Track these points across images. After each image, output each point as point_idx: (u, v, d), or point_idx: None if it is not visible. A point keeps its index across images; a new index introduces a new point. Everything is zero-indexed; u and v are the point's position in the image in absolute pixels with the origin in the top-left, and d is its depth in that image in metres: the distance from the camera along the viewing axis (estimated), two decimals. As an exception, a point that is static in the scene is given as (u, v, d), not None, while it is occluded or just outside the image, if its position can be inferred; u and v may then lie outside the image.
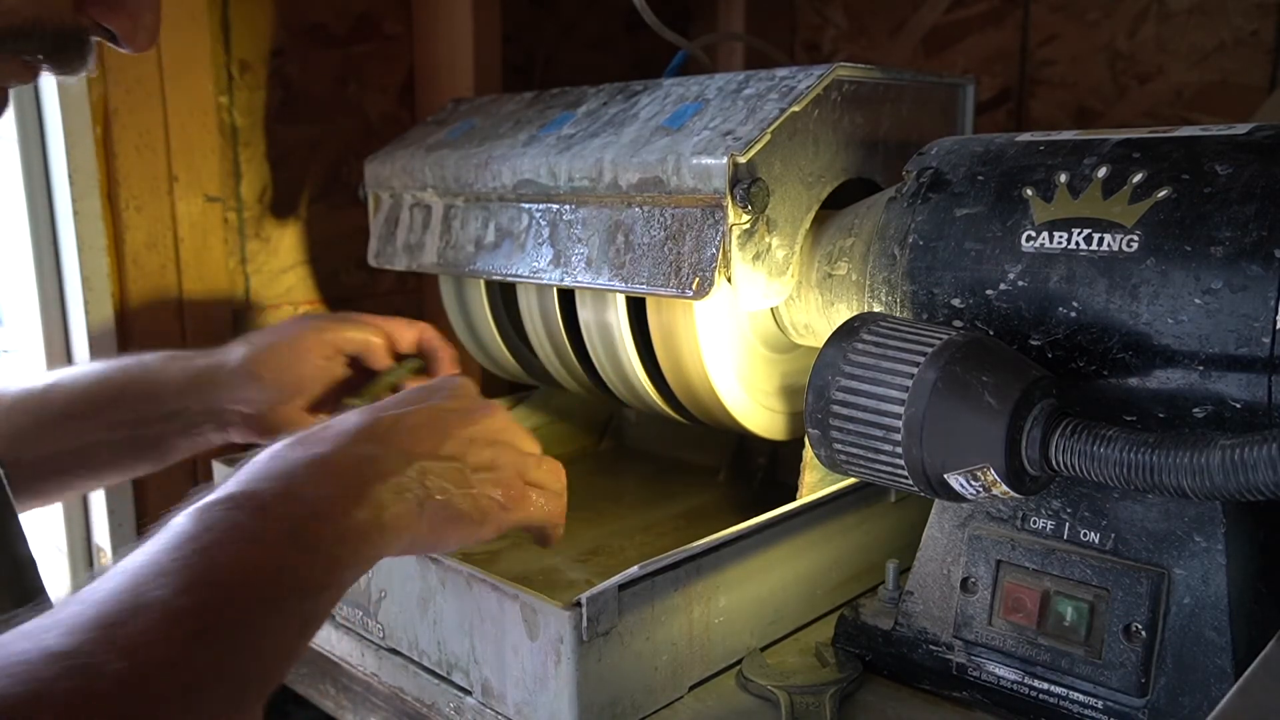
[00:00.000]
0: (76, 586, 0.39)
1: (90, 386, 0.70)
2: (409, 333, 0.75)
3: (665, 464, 0.93)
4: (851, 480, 0.65)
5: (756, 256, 0.62)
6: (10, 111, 0.48)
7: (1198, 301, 0.46)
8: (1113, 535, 0.51)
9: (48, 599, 0.52)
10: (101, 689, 0.33)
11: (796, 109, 0.62)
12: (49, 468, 0.68)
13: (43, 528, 0.89)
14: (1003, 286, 0.51)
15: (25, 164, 0.82)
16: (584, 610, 0.51)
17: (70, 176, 0.80)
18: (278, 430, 0.70)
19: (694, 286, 0.61)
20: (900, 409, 0.47)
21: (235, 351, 0.71)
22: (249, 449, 0.73)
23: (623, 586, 0.52)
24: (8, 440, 0.66)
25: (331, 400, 0.73)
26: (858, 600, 0.62)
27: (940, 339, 0.48)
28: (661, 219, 0.64)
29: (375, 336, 0.73)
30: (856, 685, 0.57)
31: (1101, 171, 0.50)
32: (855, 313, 0.56)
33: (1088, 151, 0.51)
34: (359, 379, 0.73)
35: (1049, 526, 0.53)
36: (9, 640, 0.34)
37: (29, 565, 0.53)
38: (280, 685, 0.42)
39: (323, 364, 0.71)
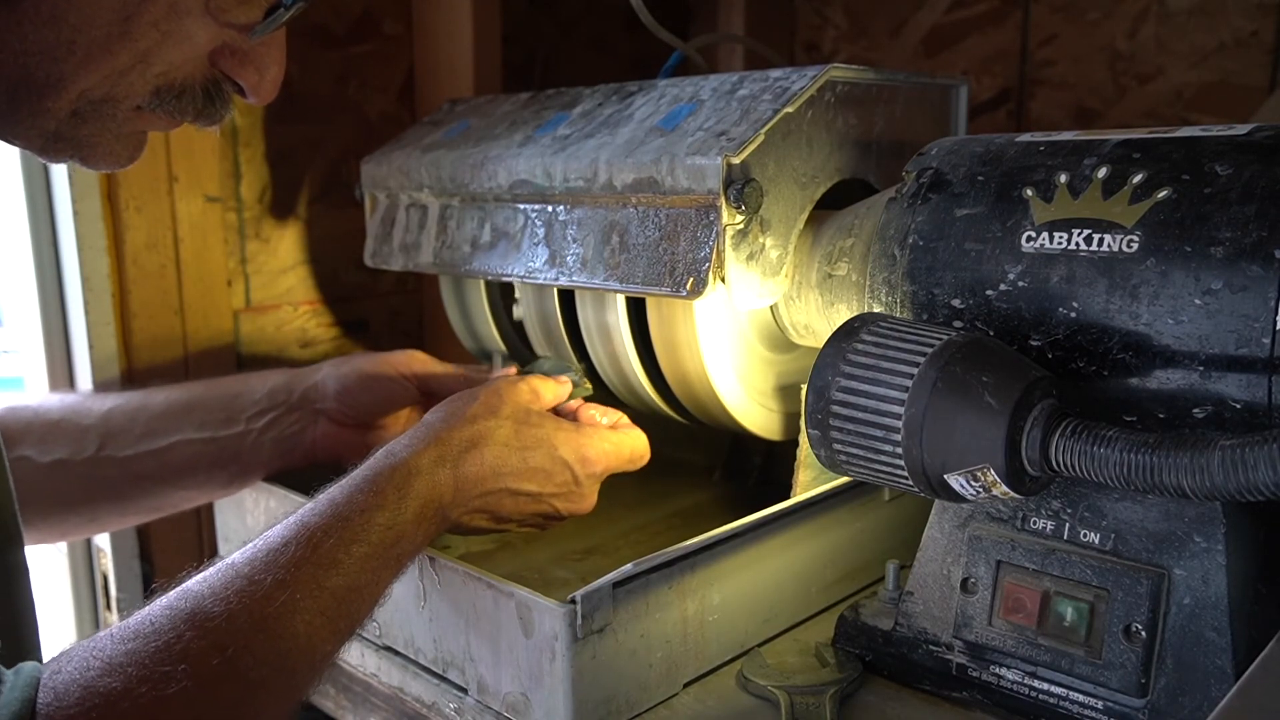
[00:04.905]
0: (76, 587, 0.44)
1: (192, 389, 0.73)
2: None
3: (660, 463, 0.93)
4: (845, 479, 0.65)
5: (750, 257, 0.62)
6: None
7: (1198, 302, 0.45)
8: (1113, 535, 0.51)
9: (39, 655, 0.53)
10: None
11: (790, 110, 0.62)
12: (133, 470, 0.69)
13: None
14: (1003, 287, 0.51)
15: (25, 164, 0.82)
16: (578, 607, 0.51)
17: (70, 177, 0.80)
18: (359, 448, 0.72)
19: (688, 286, 0.61)
20: (900, 409, 0.47)
21: (329, 363, 0.75)
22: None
23: (617, 584, 0.53)
24: (100, 439, 0.68)
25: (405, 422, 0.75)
26: (858, 600, 0.62)
27: (940, 339, 0.48)
28: (656, 219, 0.63)
29: (451, 370, 0.75)
30: (856, 685, 0.57)
31: (1101, 172, 0.50)
32: (855, 313, 0.56)
33: (1088, 152, 0.51)
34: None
35: (1049, 527, 0.53)
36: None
37: (28, 628, 0.54)
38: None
39: (409, 388, 0.74)
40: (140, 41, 0.45)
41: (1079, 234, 0.49)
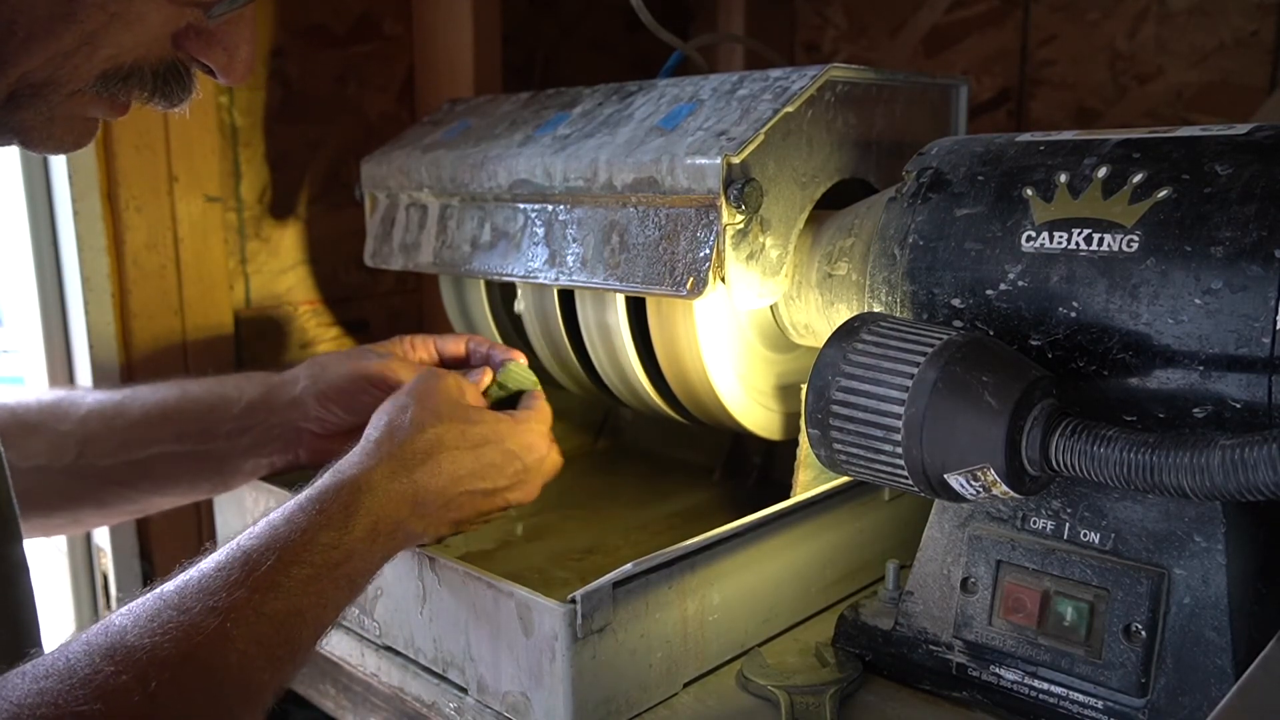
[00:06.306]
0: (76, 586, 0.43)
1: (168, 395, 0.70)
2: (455, 346, 0.75)
3: (661, 463, 0.93)
4: (845, 479, 0.65)
5: (750, 256, 0.62)
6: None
7: (1198, 301, 0.45)
8: (1113, 535, 0.51)
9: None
10: None
11: (790, 109, 0.62)
12: (114, 477, 0.68)
13: (41, 528, 0.89)
14: (1003, 286, 0.51)
15: (25, 164, 0.82)
16: (578, 607, 0.51)
17: (70, 176, 0.80)
18: (347, 450, 0.70)
19: (688, 286, 0.61)
20: (900, 409, 0.47)
21: (305, 374, 0.72)
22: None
23: (617, 584, 0.53)
24: (78, 447, 0.66)
25: None
26: (858, 600, 0.62)
27: (940, 339, 0.48)
28: (656, 219, 0.64)
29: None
30: (856, 685, 0.57)
31: (1101, 171, 0.50)
32: (855, 313, 0.56)
33: (1088, 151, 0.51)
34: None
35: (1049, 526, 0.53)
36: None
37: (29, 625, 0.53)
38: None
39: (384, 394, 0.71)
40: (86, 23, 0.43)
41: (1079, 234, 0.49)
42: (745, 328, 0.72)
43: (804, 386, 0.52)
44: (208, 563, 0.47)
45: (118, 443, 0.68)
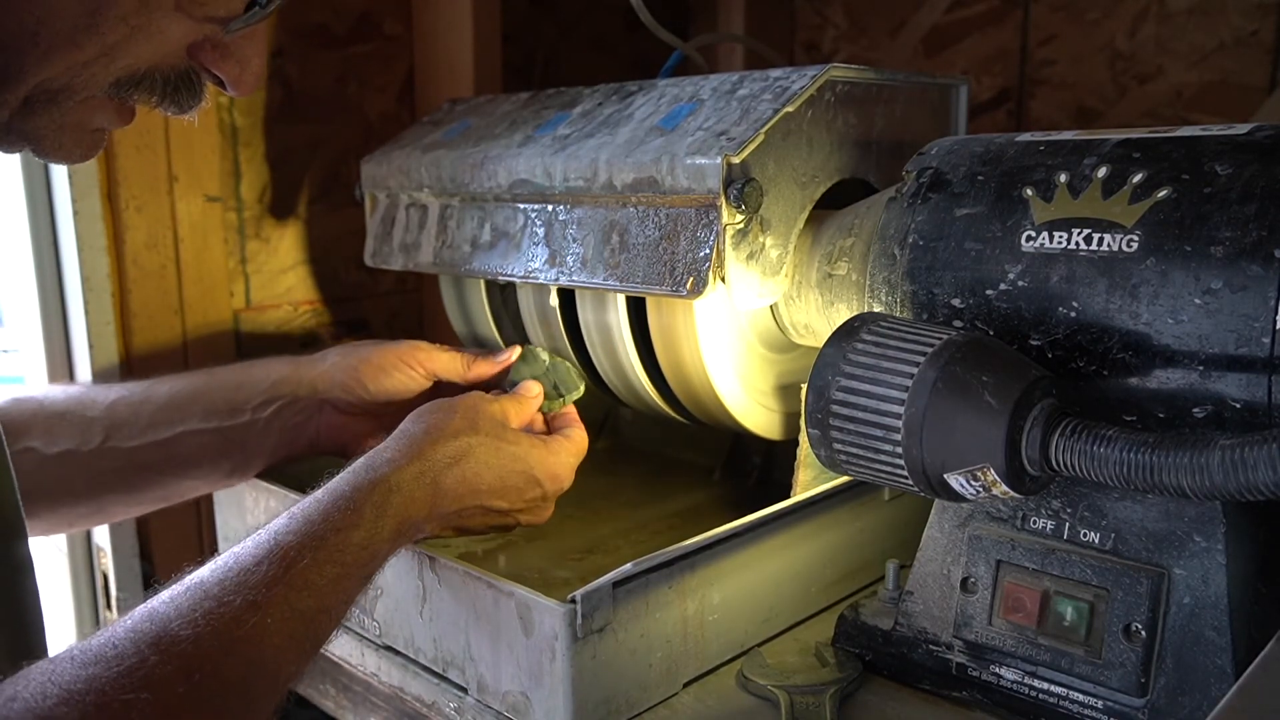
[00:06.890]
0: (76, 586, 0.43)
1: (195, 379, 0.72)
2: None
3: (661, 462, 0.93)
4: (845, 478, 0.65)
5: (750, 256, 0.62)
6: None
7: (1198, 301, 0.45)
8: (1113, 535, 0.51)
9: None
10: None
11: (790, 109, 0.62)
12: (139, 460, 0.69)
13: (42, 528, 0.89)
14: (1003, 286, 0.51)
15: (25, 164, 0.82)
16: (578, 607, 0.51)
17: (70, 176, 0.80)
18: (365, 437, 0.71)
19: (688, 286, 0.61)
20: (900, 409, 0.47)
21: (335, 351, 0.74)
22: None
23: (617, 583, 0.53)
24: (105, 431, 0.68)
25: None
26: (858, 600, 0.62)
27: (940, 339, 0.48)
28: (656, 219, 0.64)
29: (460, 364, 0.74)
30: (856, 685, 0.57)
31: (1101, 171, 0.50)
32: (855, 313, 0.56)
33: (1088, 151, 0.51)
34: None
35: (1049, 526, 0.53)
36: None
37: (34, 624, 0.53)
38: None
39: (417, 378, 0.73)
40: (108, 36, 0.43)
41: (1079, 233, 0.49)
42: (745, 328, 0.72)
43: (804, 386, 0.52)
44: (245, 554, 0.48)
45: (144, 424, 0.69)
